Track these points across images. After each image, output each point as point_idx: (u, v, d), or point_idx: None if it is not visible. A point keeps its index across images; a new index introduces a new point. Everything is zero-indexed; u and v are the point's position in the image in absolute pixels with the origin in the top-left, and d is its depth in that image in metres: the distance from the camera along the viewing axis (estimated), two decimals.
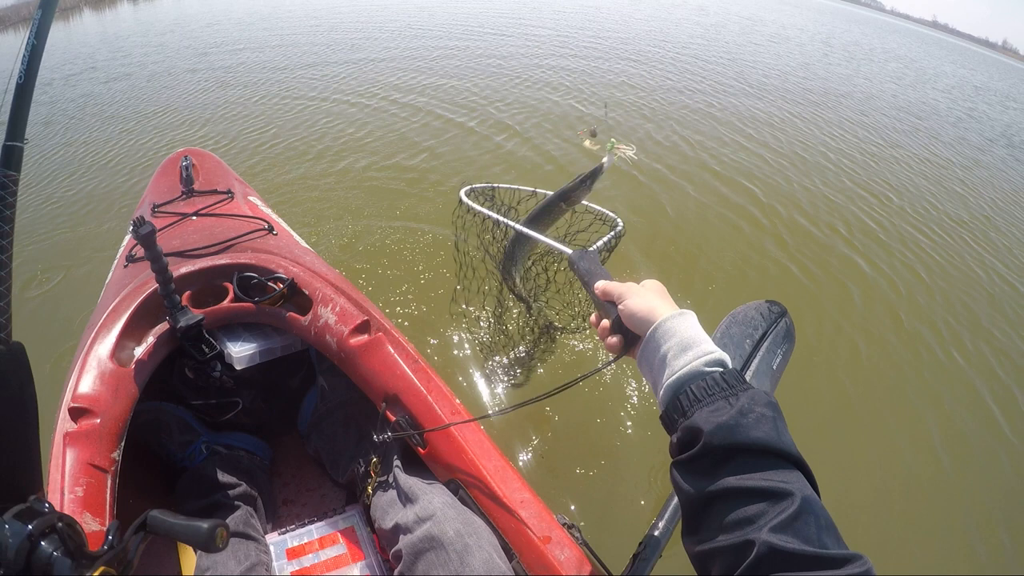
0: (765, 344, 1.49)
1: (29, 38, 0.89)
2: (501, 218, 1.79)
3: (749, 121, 8.11)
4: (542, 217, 1.84)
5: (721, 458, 0.69)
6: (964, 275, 4.92)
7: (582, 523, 1.28)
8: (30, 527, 0.68)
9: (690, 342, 0.82)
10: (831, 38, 25.62)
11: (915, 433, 3.14)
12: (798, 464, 0.68)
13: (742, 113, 8.48)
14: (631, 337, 0.93)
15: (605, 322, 0.98)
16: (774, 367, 1.49)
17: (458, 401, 1.49)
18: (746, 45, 16.90)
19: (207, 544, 0.77)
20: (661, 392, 0.82)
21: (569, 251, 1.24)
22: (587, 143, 1.79)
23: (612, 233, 1.92)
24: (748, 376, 1.42)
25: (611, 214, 2.12)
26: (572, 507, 2.16)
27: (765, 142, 7.22)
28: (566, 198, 1.80)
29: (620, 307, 0.94)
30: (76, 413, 1.27)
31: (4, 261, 0.88)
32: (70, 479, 1.17)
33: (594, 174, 1.72)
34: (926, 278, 4.71)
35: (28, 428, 0.84)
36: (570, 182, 1.77)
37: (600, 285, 1.01)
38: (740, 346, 1.46)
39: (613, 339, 0.95)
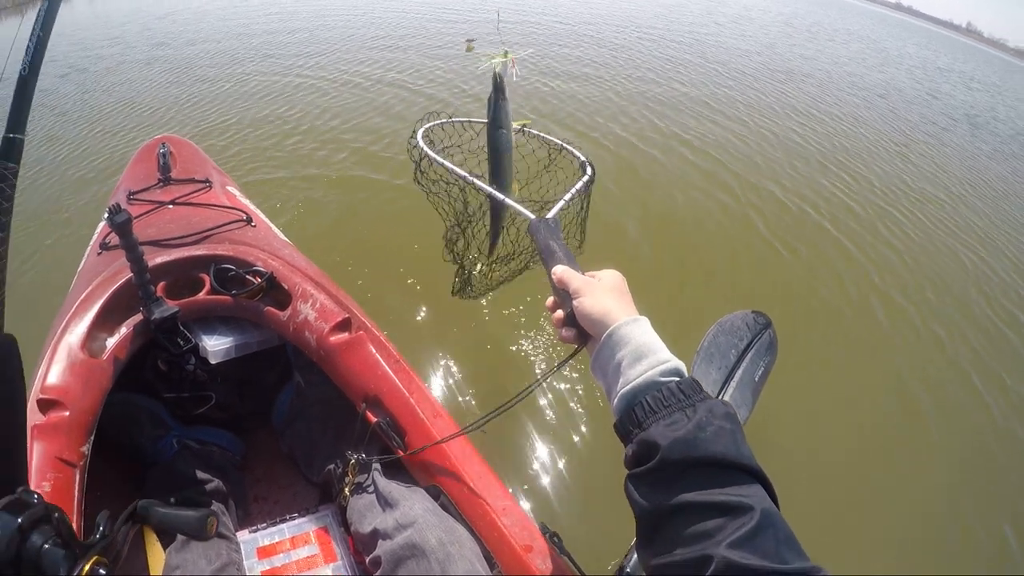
0: (749, 355, 1.49)
1: (35, 30, 0.87)
2: (466, 174, 1.50)
3: (717, 98, 8.42)
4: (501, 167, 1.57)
5: (679, 472, 0.67)
6: (937, 249, 5.20)
7: (563, 532, 1.26)
8: (19, 519, 0.67)
9: (645, 350, 0.79)
10: (793, 19, 26.38)
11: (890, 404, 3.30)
12: (757, 476, 0.67)
13: (710, 92, 8.77)
14: (586, 332, 0.89)
15: (560, 312, 0.94)
16: (756, 378, 1.49)
17: (440, 403, 1.47)
18: (709, 25, 17.31)
19: (199, 532, 0.78)
20: (615, 401, 0.80)
21: (532, 216, 1.17)
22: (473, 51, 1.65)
23: (579, 184, 1.61)
24: (732, 386, 1.43)
25: (579, 154, 1.82)
26: (553, 515, 2.16)
27: (739, 118, 7.50)
28: (497, 125, 1.56)
29: (575, 303, 0.89)
30: (44, 405, 1.23)
31: (1, 253, 0.87)
32: (37, 474, 1.13)
33: (496, 88, 1.52)
34: (900, 250, 4.97)
35: (16, 421, 0.81)
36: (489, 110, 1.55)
37: (558, 272, 0.96)
38: (726, 356, 1.47)
39: (568, 333, 0.91)
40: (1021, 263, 5.40)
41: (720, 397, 1.40)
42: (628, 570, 1.16)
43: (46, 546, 0.68)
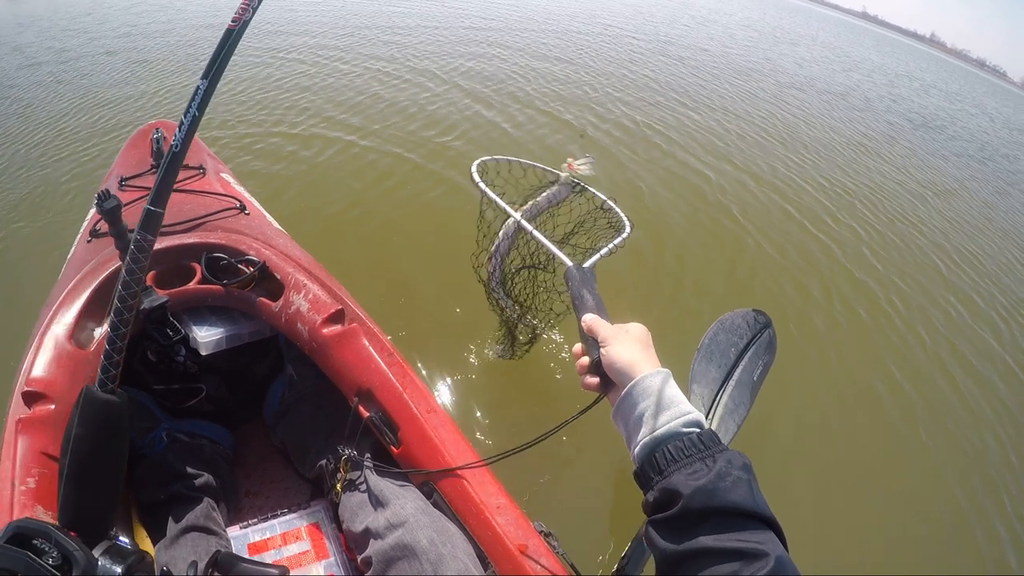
0: (748, 354, 1.48)
1: (191, 109, 0.87)
2: (511, 211, 1.76)
3: (688, 95, 8.71)
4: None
5: (698, 519, 0.71)
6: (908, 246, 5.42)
7: (559, 531, 1.25)
8: (119, 569, 0.74)
9: (668, 402, 0.83)
10: (758, 23, 27.32)
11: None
12: (771, 525, 0.71)
13: (681, 88, 9.11)
14: (609, 380, 0.93)
15: (585, 359, 0.97)
16: (755, 377, 1.48)
17: (435, 398, 1.45)
18: (676, 27, 17.63)
19: None
20: (636, 450, 0.83)
21: (569, 263, 1.22)
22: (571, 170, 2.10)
23: (618, 239, 1.84)
24: (731, 385, 1.41)
25: (621, 214, 2.05)
26: (549, 514, 2.14)
27: (707, 125, 7.51)
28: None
29: (602, 351, 0.93)
30: (30, 398, 1.20)
31: (127, 319, 0.92)
32: (21, 469, 1.10)
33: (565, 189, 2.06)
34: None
35: (116, 474, 0.94)
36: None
37: (588, 320, 1.00)
38: (725, 354, 1.45)
39: (592, 380, 0.95)
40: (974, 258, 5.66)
41: (719, 396, 1.38)
42: (627, 571, 1.14)
43: None
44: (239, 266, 1.64)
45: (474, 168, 1.90)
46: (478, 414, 2.54)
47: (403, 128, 5.45)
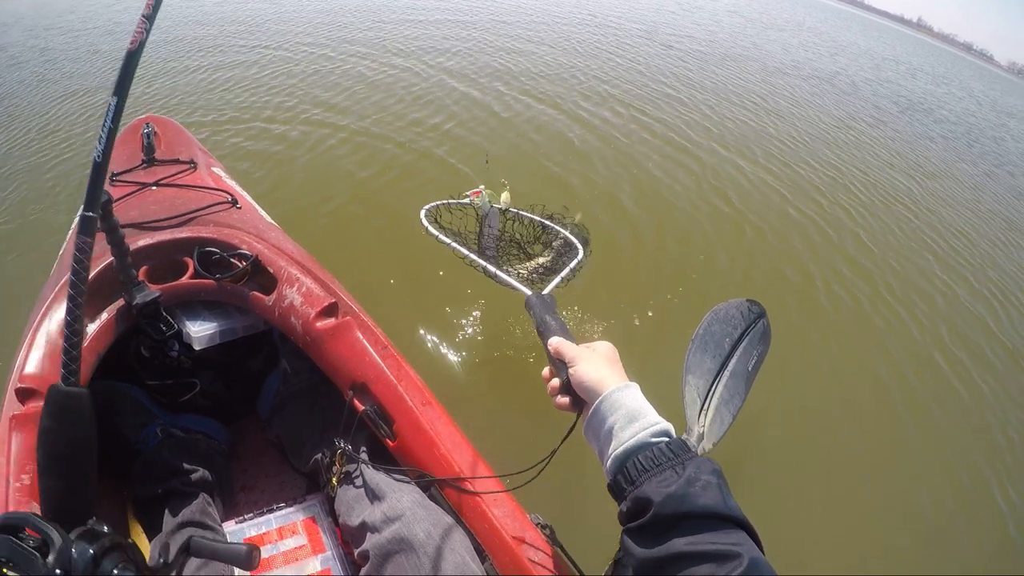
0: (743, 345, 1.48)
1: (106, 122, 0.95)
2: (464, 249, 1.84)
3: (677, 80, 8.78)
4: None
5: (671, 524, 0.72)
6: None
7: (556, 523, 1.25)
8: (92, 549, 0.78)
9: (636, 414, 0.85)
10: (744, 9, 27.30)
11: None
12: (743, 526, 0.72)
13: (671, 75, 9.10)
14: (580, 399, 0.96)
15: (556, 381, 1.00)
16: (749, 368, 1.48)
17: (430, 391, 1.44)
18: (663, 14, 17.67)
19: (247, 565, 0.92)
20: (608, 463, 0.85)
21: (528, 292, 1.27)
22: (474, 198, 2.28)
23: (572, 264, 1.93)
24: (726, 376, 1.41)
25: (575, 240, 2.19)
26: (546, 506, 2.14)
27: (698, 110, 7.53)
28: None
29: (570, 371, 0.96)
30: (23, 394, 1.19)
31: (79, 316, 0.99)
32: (15, 466, 1.10)
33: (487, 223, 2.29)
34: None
35: (88, 463, 0.99)
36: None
37: (554, 343, 1.03)
38: (720, 345, 1.45)
39: (563, 400, 0.97)
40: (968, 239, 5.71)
41: (714, 387, 1.39)
42: (624, 563, 1.14)
43: (115, 571, 0.79)
44: (232, 260, 1.63)
45: (426, 222, 2.00)
46: (483, 408, 2.54)
47: (403, 117, 5.46)
